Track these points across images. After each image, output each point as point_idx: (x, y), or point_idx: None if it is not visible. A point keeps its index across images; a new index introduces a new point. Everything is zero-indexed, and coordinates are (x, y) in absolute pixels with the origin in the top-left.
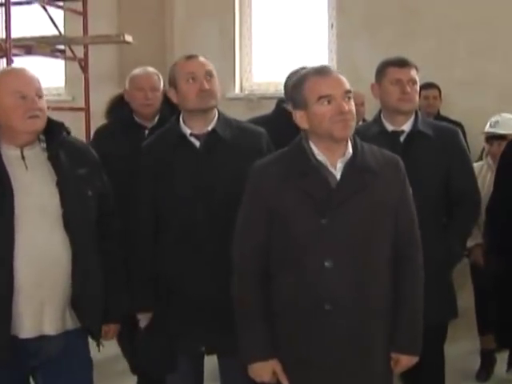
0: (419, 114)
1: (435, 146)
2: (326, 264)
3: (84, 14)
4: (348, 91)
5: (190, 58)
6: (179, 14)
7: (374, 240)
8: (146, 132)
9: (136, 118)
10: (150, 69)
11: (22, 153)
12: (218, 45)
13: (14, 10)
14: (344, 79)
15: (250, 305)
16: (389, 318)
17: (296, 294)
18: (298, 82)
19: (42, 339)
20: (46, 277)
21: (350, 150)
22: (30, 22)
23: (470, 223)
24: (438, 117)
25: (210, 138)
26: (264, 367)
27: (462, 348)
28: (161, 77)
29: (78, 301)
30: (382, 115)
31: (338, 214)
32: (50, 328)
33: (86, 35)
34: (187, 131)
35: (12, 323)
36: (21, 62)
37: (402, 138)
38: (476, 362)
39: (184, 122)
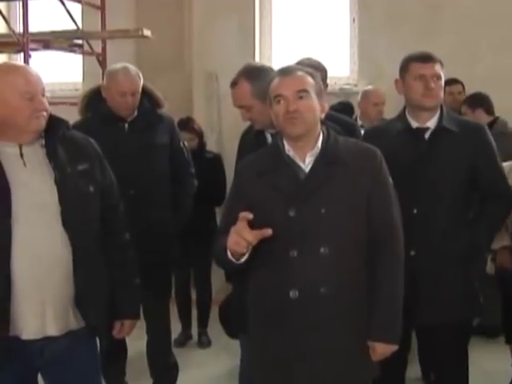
0: (444, 109)
1: (461, 142)
2: (292, 253)
3: (102, 8)
4: (300, 90)
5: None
6: (198, 8)
7: (343, 229)
8: (126, 125)
9: (114, 113)
10: (132, 69)
11: (20, 150)
12: (237, 41)
13: (31, 3)
14: (303, 78)
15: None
16: (363, 305)
17: (265, 282)
18: (270, 80)
19: (45, 340)
20: (46, 276)
21: (319, 144)
22: (47, 16)
23: (497, 218)
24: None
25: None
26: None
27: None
28: (140, 75)
29: (81, 300)
30: (406, 112)
31: (305, 206)
32: (54, 329)
33: (104, 30)
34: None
35: (13, 324)
36: (38, 56)
37: (426, 135)
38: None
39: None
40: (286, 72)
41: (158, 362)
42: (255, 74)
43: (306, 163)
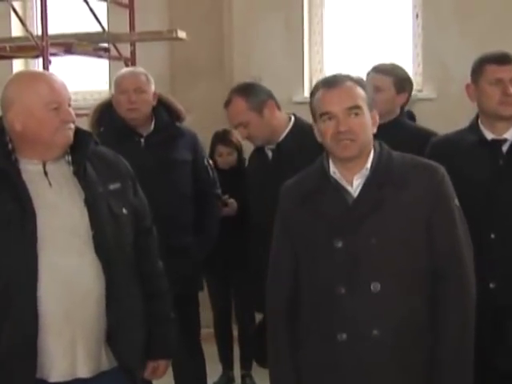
0: None
1: None
2: (339, 290)
3: (130, 7)
4: (352, 107)
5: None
6: (239, 6)
7: (399, 261)
8: (142, 141)
9: (128, 126)
10: (138, 69)
11: (44, 168)
12: (284, 41)
13: (50, 2)
14: (353, 91)
15: (281, 343)
16: (422, 350)
17: (315, 323)
18: (312, 92)
19: (75, 382)
20: (77, 310)
21: (369, 164)
22: (69, 17)
23: None
24: None
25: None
26: None
27: None
28: (150, 77)
29: (114, 337)
30: (479, 121)
31: (353, 236)
32: (85, 370)
33: (133, 31)
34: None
35: (40, 366)
36: (59, 62)
37: (504, 148)
38: None
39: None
40: (331, 83)
41: None
42: (248, 89)
43: (354, 186)
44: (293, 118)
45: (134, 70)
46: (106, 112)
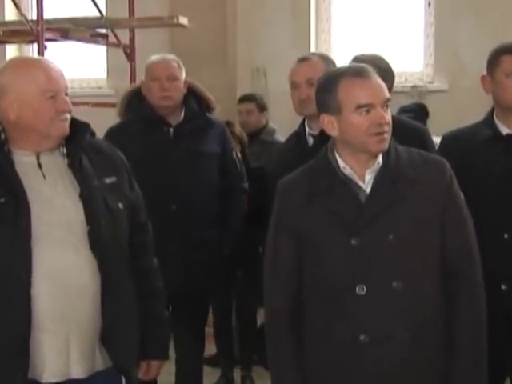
0: None
1: None
2: (359, 290)
3: None
4: (388, 99)
5: (298, 61)
6: None
7: (416, 259)
8: (171, 130)
9: (157, 115)
10: (169, 56)
11: (38, 159)
12: (290, 29)
13: None
14: (383, 84)
15: (283, 344)
16: (440, 347)
17: (329, 324)
18: (330, 82)
19: (68, 383)
20: (72, 308)
21: (380, 159)
22: (66, 1)
23: None
24: None
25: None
26: None
27: None
28: (181, 65)
29: (108, 336)
30: (494, 115)
31: (369, 233)
32: (79, 370)
33: (133, 17)
34: (307, 131)
35: (32, 365)
36: (55, 47)
37: None
38: None
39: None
40: (366, 73)
41: None
42: (329, 60)
43: (366, 181)
44: None
45: (166, 56)
46: (134, 99)
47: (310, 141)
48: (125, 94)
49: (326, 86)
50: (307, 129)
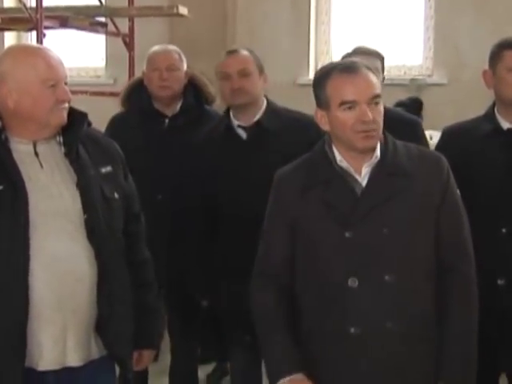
0: None
1: None
2: (351, 283)
3: None
4: (376, 96)
5: (227, 53)
6: None
7: (410, 253)
8: (166, 121)
9: (155, 105)
10: (171, 46)
11: (34, 148)
12: (290, 20)
13: None
14: (374, 78)
15: (273, 318)
16: (432, 341)
17: (320, 316)
18: (321, 77)
19: (63, 371)
20: (69, 297)
21: (378, 152)
22: None
23: None
24: None
25: (256, 129)
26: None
27: None
28: (183, 56)
29: (104, 324)
30: (495, 110)
31: (363, 226)
32: (75, 358)
33: (132, 6)
34: (235, 123)
35: (28, 354)
36: (54, 36)
37: None
38: None
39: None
40: (355, 69)
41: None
42: (253, 52)
43: (363, 175)
44: (265, 100)
45: (167, 46)
46: (135, 89)
47: (242, 133)
48: (128, 85)
49: (319, 80)
50: (234, 121)
